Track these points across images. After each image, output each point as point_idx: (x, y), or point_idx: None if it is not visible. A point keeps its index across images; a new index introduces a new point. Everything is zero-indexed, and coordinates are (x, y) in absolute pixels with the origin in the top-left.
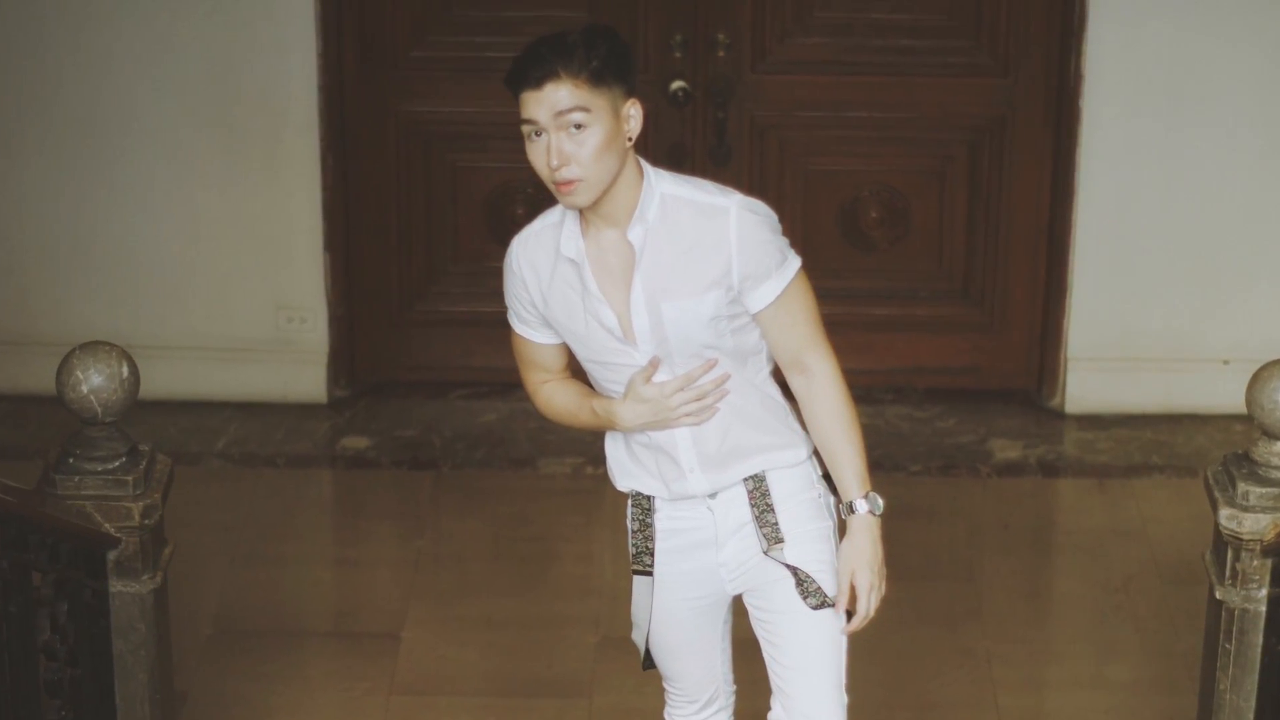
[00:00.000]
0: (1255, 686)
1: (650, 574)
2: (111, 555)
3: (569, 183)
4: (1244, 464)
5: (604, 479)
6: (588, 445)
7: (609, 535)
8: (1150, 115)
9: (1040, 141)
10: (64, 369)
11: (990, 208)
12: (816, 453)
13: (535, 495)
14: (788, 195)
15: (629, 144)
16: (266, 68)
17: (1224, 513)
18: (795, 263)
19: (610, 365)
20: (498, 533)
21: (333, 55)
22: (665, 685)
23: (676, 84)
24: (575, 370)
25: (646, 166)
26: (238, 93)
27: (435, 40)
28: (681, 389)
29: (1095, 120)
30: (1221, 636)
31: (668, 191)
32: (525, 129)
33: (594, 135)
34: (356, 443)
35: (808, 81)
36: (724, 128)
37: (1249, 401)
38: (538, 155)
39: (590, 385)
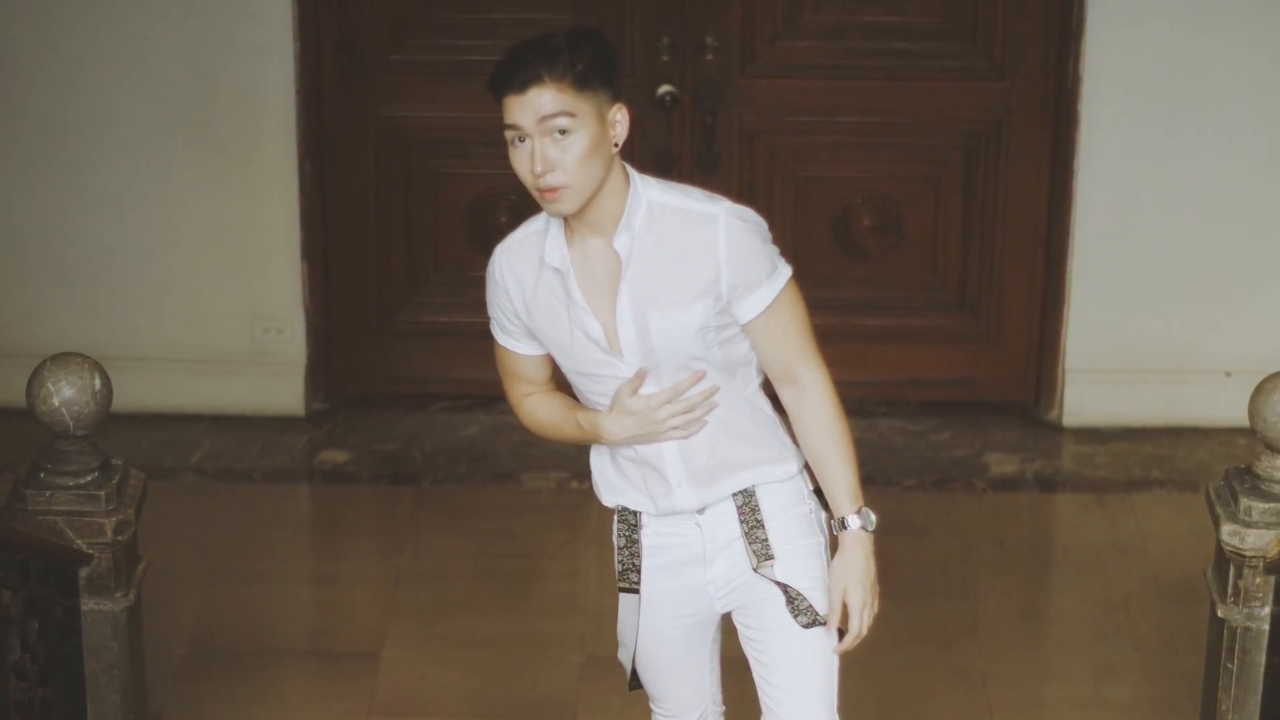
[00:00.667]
0: (1258, 708)
1: (637, 591)
2: (83, 572)
3: (553, 190)
4: (1246, 478)
5: (589, 494)
6: (572, 459)
7: (594, 552)
8: (1150, 119)
9: (1037, 147)
10: (35, 381)
11: (986, 215)
12: (807, 467)
13: (519, 510)
14: (778, 202)
15: (615, 150)
16: (243, 72)
17: (1226, 528)
18: (786, 272)
19: (596, 377)
20: (480, 549)
21: (311, 59)
22: (652, 706)
23: (663, 88)
24: (560, 382)
25: (633, 173)
26: (214, 97)
27: (416, 43)
28: (669, 401)
29: (1094, 125)
30: (1223, 656)
31: (654, 199)
32: (508, 134)
33: (579, 141)
34: (335, 457)
35: (798, 86)
36: (712, 133)
37: (1252, 414)
38: (521, 161)
39: (575, 397)
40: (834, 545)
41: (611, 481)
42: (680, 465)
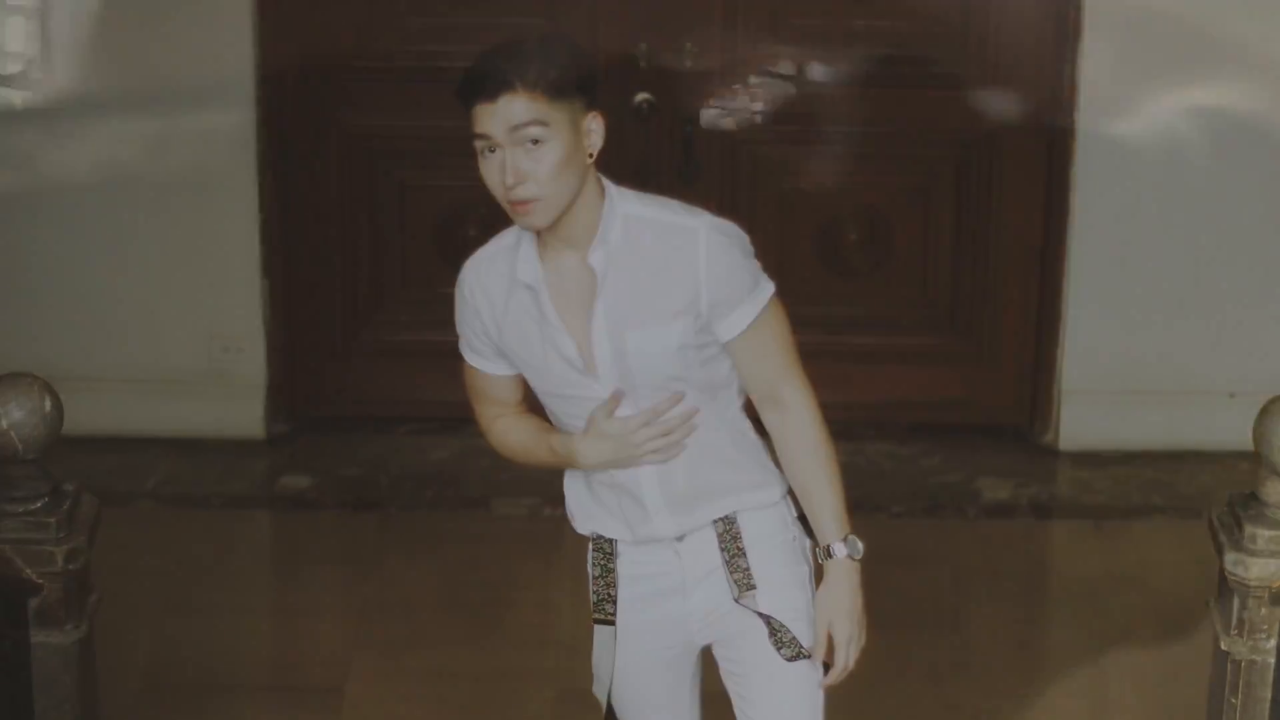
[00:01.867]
0: None
1: (613, 623)
2: (33, 603)
3: (525, 202)
4: (1251, 505)
5: (563, 520)
6: (546, 484)
7: (568, 581)
8: (1150, 130)
9: (1032, 158)
10: None
11: (979, 230)
12: (791, 493)
13: (489, 538)
14: (760, 216)
15: (590, 161)
16: (200, 78)
17: (1230, 557)
18: (768, 288)
19: (570, 399)
20: (449, 578)
21: (271, 64)
22: None
23: (641, 96)
24: (533, 403)
25: (608, 185)
26: (169, 104)
27: (381, 49)
28: (646, 424)
29: (1091, 136)
30: (1227, 690)
31: (631, 212)
32: (478, 144)
33: (552, 151)
34: (297, 482)
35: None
36: (692, 143)
37: (1256, 437)
38: (492, 173)
39: (548, 420)
40: (819, 575)
41: (586, 508)
42: (658, 491)
